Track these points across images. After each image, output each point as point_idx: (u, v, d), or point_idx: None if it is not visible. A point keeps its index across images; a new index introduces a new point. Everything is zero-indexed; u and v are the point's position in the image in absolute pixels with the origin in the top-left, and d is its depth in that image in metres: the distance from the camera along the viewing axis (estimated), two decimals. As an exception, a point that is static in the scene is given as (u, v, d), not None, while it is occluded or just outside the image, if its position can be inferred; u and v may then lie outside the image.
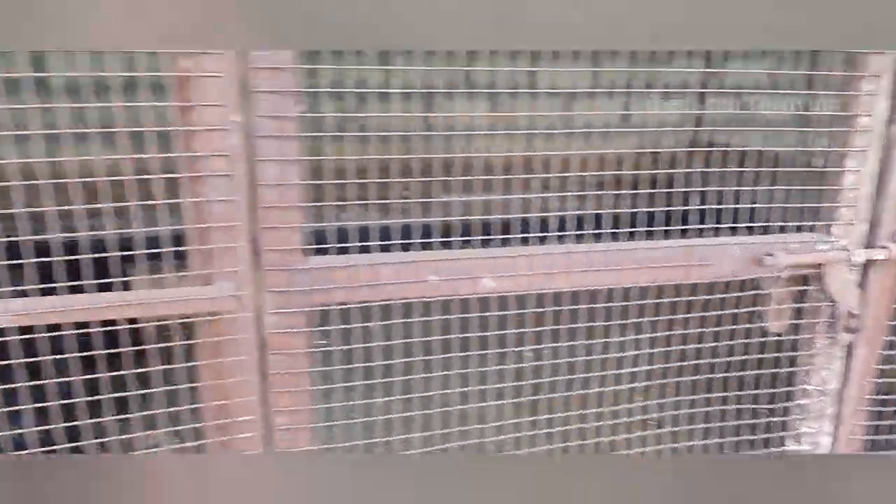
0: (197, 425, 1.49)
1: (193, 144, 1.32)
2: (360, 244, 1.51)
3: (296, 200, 1.42)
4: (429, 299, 1.59)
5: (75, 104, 1.18)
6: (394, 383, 1.65)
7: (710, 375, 1.91)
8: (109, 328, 1.37)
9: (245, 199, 1.39)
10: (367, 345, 1.59)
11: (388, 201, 1.53)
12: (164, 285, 1.46)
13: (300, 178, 1.41)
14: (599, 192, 1.75)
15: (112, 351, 1.37)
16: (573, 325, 1.73)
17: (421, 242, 1.57)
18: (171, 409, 1.47)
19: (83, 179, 1.27)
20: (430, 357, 1.67)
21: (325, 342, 1.56)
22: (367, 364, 1.61)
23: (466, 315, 1.63)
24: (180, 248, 1.38)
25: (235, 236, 1.40)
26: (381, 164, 1.45)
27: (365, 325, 1.57)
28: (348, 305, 1.53)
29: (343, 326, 1.55)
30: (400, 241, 1.55)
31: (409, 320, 1.61)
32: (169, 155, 1.32)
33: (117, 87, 1.23)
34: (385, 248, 1.53)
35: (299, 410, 1.57)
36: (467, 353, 1.69)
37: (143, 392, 1.46)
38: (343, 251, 1.50)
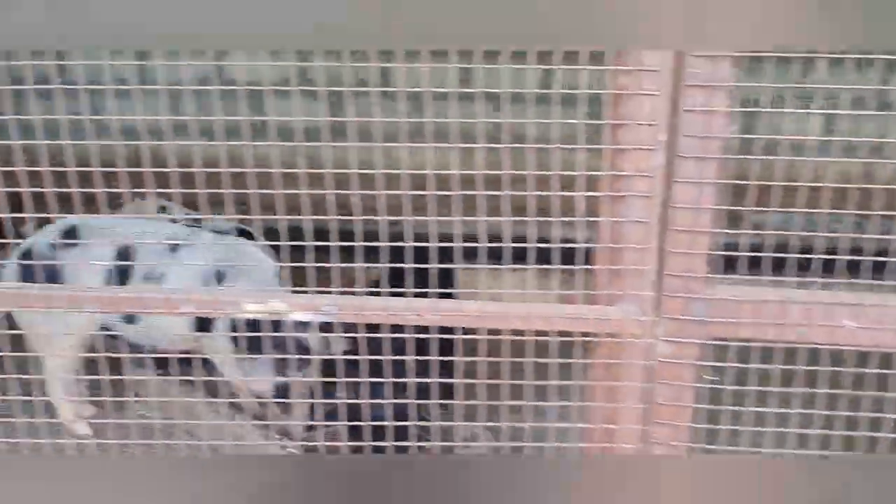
0: (580, 445, 1.48)
1: (619, 162, 1.30)
2: (773, 278, 1.37)
3: (708, 226, 1.33)
4: (842, 348, 1.39)
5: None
6: (787, 435, 1.47)
7: None
8: (511, 337, 1.41)
9: (657, 220, 1.34)
10: (761, 388, 1.45)
11: (809, 234, 1.37)
12: (557, 299, 1.48)
13: (716, 202, 1.32)
14: None
15: (517, 360, 1.41)
16: None
17: (843, 282, 1.38)
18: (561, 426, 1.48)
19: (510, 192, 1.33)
20: (833, 412, 1.46)
21: (716, 379, 1.45)
22: (760, 409, 1.46)
23: (886, 371, 1.40)
24: (591, 266, 1.37)
25: (644, 259, 1.35)
26: (811, 190, 1.30)
27: (764, 366, 1.42)
28: (748, 343, 1.40)
29: (738, 365, 1.43)
30: (819, 279, 1.37)
31: (816, 368, 1.42)
32: (594, 173, 1.32)
33: (557, 99, 1.26)
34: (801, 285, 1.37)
35: (677, 446, 1.49)
36: (880, 415, 1.45)
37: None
38: (753, 283, 1.38)
